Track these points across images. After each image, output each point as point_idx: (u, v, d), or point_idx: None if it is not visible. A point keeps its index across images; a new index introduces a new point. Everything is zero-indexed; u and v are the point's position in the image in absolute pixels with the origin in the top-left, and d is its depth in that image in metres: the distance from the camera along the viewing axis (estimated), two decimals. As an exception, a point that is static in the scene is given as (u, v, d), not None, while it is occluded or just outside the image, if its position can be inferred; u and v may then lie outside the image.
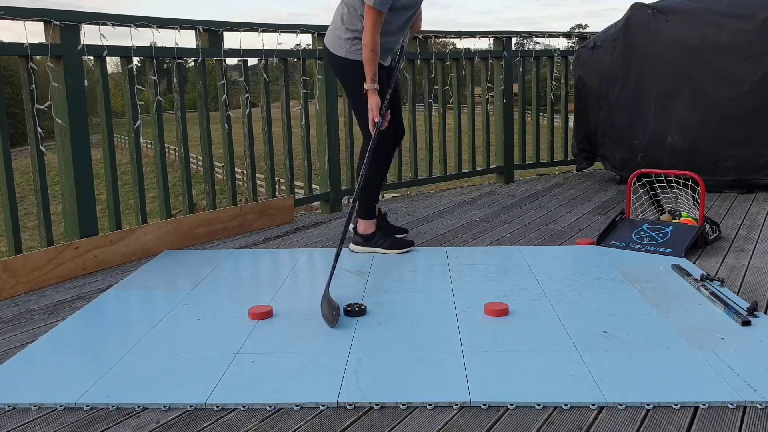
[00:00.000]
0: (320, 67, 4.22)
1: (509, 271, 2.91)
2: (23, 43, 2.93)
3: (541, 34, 5.72)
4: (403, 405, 1.75)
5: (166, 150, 3.93)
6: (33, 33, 3.07)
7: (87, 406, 1.78)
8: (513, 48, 5.35)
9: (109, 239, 3.22)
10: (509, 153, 5.47)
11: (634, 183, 3.58)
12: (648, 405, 1.71)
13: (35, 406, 1.79)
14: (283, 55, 4.13)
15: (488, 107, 5.29)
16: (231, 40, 4.66)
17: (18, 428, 1.69)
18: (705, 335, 2.13)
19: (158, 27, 3.41)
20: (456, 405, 1.74)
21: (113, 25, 3.25)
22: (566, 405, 1.72)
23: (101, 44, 3.20)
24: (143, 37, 3.44)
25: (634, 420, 1.65)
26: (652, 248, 3.16)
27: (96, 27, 3.22)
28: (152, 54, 3.46)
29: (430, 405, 1.74)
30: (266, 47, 3.95)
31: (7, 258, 2.82)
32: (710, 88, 4.59)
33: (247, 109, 3.91)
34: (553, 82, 5.64)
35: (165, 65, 3.80)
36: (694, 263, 2.98)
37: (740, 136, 4.52)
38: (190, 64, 3.74)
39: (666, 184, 3.71)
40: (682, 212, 3.52)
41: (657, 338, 2.12)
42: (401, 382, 1.86)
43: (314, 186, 4.45)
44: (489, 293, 2.61)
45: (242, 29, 3.88)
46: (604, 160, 5.24)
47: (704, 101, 4.61)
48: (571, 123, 5.54)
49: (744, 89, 4.47)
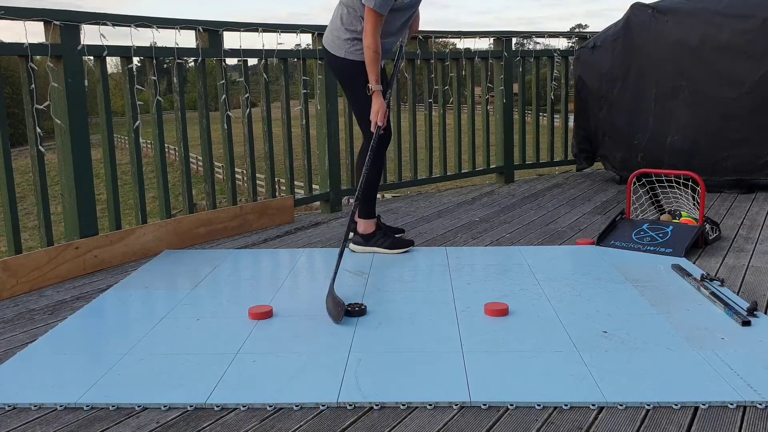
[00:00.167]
0: (320, 67, 4.22)
1: (509, 271, 2.91)
2: (23, 43, 2.93)
3: (541, 34, 5.72)
4: (403, 405, 1.75)
5: (166, 150, 3.93)
6: (33, 33, 3.07)
7: (87, 406, 1.78)
8: (513, 48, 5.35)
9: (109, 239, 3.22)
10: (509, 153, 5.47)
11: (634, 183, 3.58)
12: (648, 405, 1.71)
13: (35, 406, 1.79)
14: (283, 55, 4.13)
15: (488, 107, 5.29)
16: (231, 40, 4.66)
17: (18, 428, 1.70)
18: (705, 335, 2.13)
19: (158, 27, 3.41)
20: (456, 405, 1.74)
21: (113, 25, 3.25)
22: (566, 405, 1.72)
23: (101, 44, 3.20)
24: (143, 37, 3.45)
25: (634, 420, 1.65)
26: (652, 248, 3.16)
27: (96, 27, 3.22)
28: (152, 54, 3.46)
29: (430, 405, 1.74)
30: (266, 47, 3.96)
31: (7, 258, 2.82)
32: (710, 88, 4.59)
33: (247, 109, 3.91)
34: (553, 82, 5.64)
35: (165, 65, 3.80)
36: (694, 263, 2.98)
37: (740, 136, 4.52)
38: (190, 64, 3.74)
39: (666, 184, 3.71)
40: (682, 212, 3.52)
41: (657, 338, 2.12)
42: (401, 382, 1.86)
43: (314, 186, 4.45)
44: (489, 293, 2.61)
45: (242, 29, 3.88)
46: (604, 160, 5.24)
47: (704, 101, 4.62)
48: (571, 123, 5.54)
49: (744, 89, 4.47)
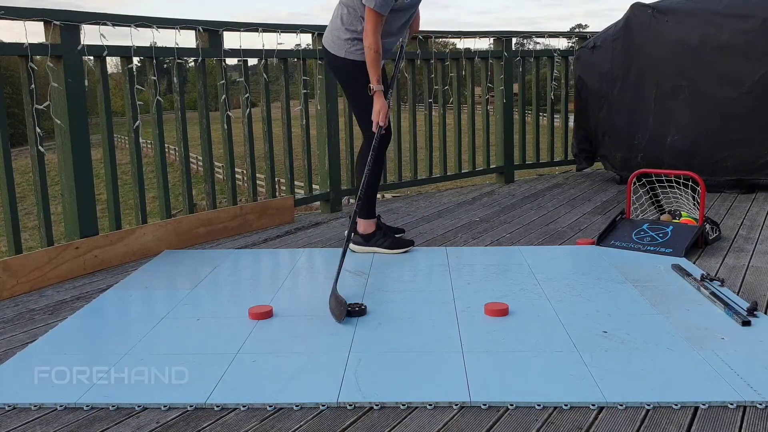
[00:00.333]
0: (320, 67, 4.22)
1: (509, 271, 2.91)
2: (23, 43, 2.93)
3: (541, 34, 5.72)
4: (403, 405, 1.75)
5: (166, 150, 3.93)
6: (33, 33, 3.07)
7: (87, 406, 1.78)
8: (513, 48, 5.35)
9: (109, 239, 3.22)
10: (509, 153, 5.47)
11: (634, 183, 3.58)
12: (648, 405, 1.71)
13: (35, 406, 1.79)
14: (283, 55, 4.13)
15: (488, 107, 5.29)
16: (231, 40, 4.66)
17: (18, 428, 1.70)
18: (705, 335, 2.13)
19: (158, 27, 3.41)
20: (456, 405, 1.74)
21: (113, 25, 3.25)
22: (566, 405, 1.72)
23: (101, 44, 3.20)
24: (143, 37, 3.45)
25: (634, 420, 1.65)
26: (652, 248, 3.16)
27: (96, 27, 3.22)
28: (152, 54, 3.46)
29: (430, 405, 1.74)
30: (266, 47, 3.96)
31: (7, 258, 2.82)
32: (710, 88, 4.59)
33: (247, 109, 3.91)
34: (553, 82, 5.64)
35: (165, 65, 3.80)
36: (694, 263, 2.98)
37: (740, 136, 4.52)
38: (190, 64, 3.74)
39: (666, 184, 3.71)
40: (682, 212, 3.52)
41: (657, 338, 2.12)
42: (401, 382, 1.86)
43: (314, 186, 4.45)
44: (489, 293, 2.61)
45: (242, 29, 3.88)
46: (604, 160, 5.24)
47: (704, 101, 4.62)
48: (571, 123, 5.54)
49: (744, 89, 4.47)
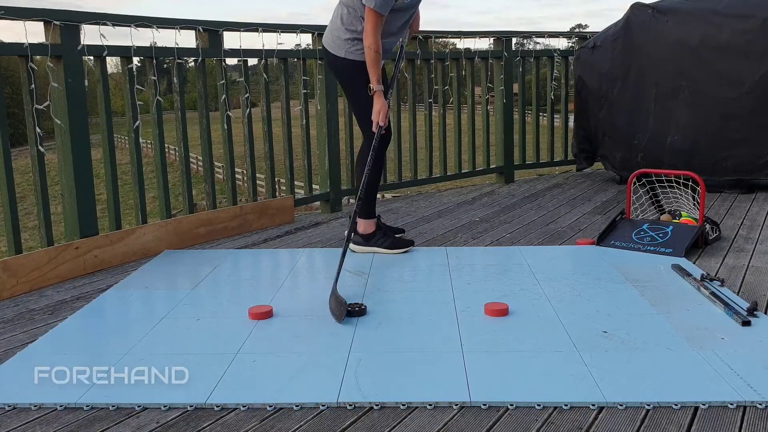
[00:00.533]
0: (320, 67, 4.22)
1: (509, 271, 2.91)
2: (23, 43, 2.93)
3: (541, 34, 5.72)
4: (403, 405, 1.75)
5: (166, 150, 3.93)
6: (33, 33, 3.07)
7: (87, 406, 1.78)
8: (513, 48, 5.35)
9: (109, 239, 3.22)
10: (509, 153, 5.46)
11: (634, 183, 3.58)
12: (648, 405, 1.71)
13: (35, 406, 1.79)
14: (283, 55, 4.13)
15: (488, 107, 5.29)
16: (231, 40, 4.65)
17: (18, 428, 1.70)
18: (705, 335, 2.13)
19: (158, 27, 3.41)
20: (456, 405, 1.74)
21: (113, 25, 3.25)
22: (566, 405, 1.72)
23: (101, 44, 3.20)
24: (143, 37, 3.45)
25: (634, 420, 1.65)
26: (652, 248, 3.16)
27: (96, 27, 3.22)
28: (152, 54, 3.46)
29: (430, 405, 1.74)
30: (266, 47, 3.96)
31: (7, 258, 2.82)
32: (710, 88, 4.59)
33: (247, 109, 3.91)
34: (553, 82, 5.64)
35: (165, 65, 3.80)
36: (694, 263, 2.98)
37: (740, 136, 4.52)
38: (190, 64, 3.74)
39: (666, 184, 3.71)
40: (682, 212, 3.52)
41: (657, 338, 2.12)
42: (401, 382, 1.86)
43: (314, 186, 4.45)
44: (489, 293, 2.61)
45: (242, 29, 3.88)
46: (604, 160, 5.24)
47: (704, 101, 4.61)
48: (571, 123, 5.54)
49: (744, 89, 4.47)
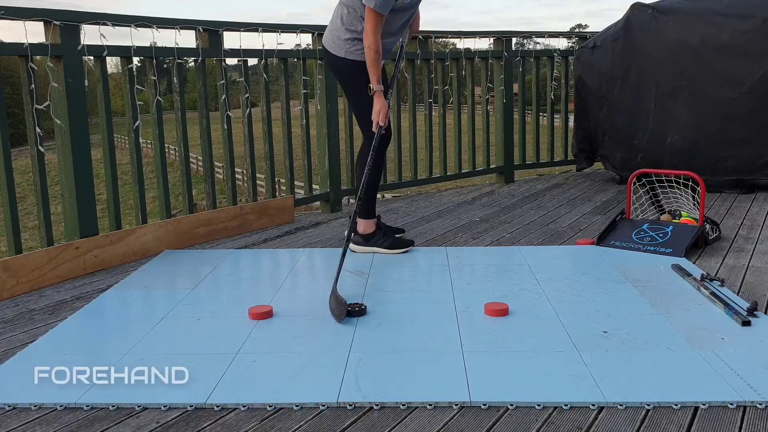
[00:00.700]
0: (320, 67, 4.22)
1: (509, 271, 2.91)
2: (23, 43, 2.93)
3: (541, 34, 5.72)
4: (403, 405, 1.75)
5: (166, 150, 3.93)
6: (33, 33, 3.07)
7: (87, 406, 1.78)
8: (513, 48, 5.35)
9: (109, 239, 3.22)
10: (509, 153, 5.46)
11: (634, 183, 3.58)
12: (648, 405, 1.71)
13: (35, 406, 1.79)
14: (283, 55, 4.13)
15: (488, 107, 5.29)
16: (231, 40, 4.65)
17: (18, 428, 1.70)
18: (705, 335, 2.13)
19: (158, 27, 3.41)
20: (456, 405, 1.74)
21: (113, 25, 3.25)
22: (566, 405, 1.72)
23: (101, 44, 3.20)
24: (143, 37, 3.45)
25: (634, 420, 1.65)
26: (652, 248, 3.16)
27: (96, 27, 3.22)
28: (152, 54, 3.46)
29: (430, 405, 1.74)
30: (266, 47, 3.95)
31: (7, 258, 2.82)
32: (710, 88, 4.59)
33: (247, 109, 3.91)
34: (553, 82, 5.64)
35: (165, 65, 3.80)
36: (694, 263, 2.98)
37: (740, 136, 4.52)
38: (190, 64, 3.74)
39: (666, 184, 3.71)
40: (682, 212, 3.52)
41: (657, 338, 2.12)
42: (401, 382, 1.86)
43: (314, 186, 4.45)
44: (489, 293, 2.61)
45: (242, 29, 3.88)
46: (604, 160, 5.24)
47: (704, 101, 4.61)
48: (571, 123, 5.54)
49: (744, 89, 4.47)
